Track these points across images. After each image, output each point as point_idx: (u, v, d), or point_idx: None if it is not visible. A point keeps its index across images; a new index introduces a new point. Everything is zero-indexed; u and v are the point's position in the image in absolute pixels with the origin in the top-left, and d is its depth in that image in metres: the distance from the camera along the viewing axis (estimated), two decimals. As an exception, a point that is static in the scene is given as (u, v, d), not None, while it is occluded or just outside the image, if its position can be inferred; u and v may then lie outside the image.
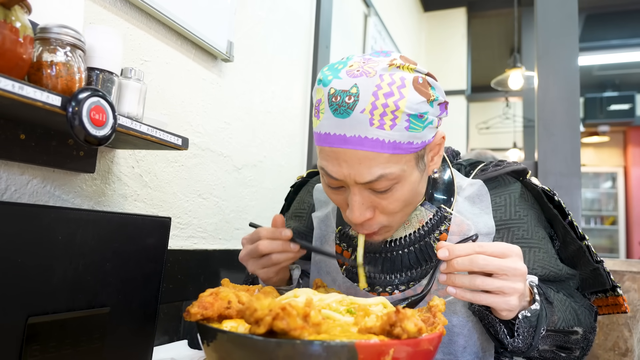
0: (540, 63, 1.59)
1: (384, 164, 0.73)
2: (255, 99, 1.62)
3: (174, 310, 1.21)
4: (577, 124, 1.56)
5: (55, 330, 0.72)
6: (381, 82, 0.71)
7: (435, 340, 0.61)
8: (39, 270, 0.70)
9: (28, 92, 0.62)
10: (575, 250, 0.91)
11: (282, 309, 0.53)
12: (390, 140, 0.72)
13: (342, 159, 0.74)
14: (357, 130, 0.71)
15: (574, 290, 0.92)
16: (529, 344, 0.75)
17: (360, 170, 0.73)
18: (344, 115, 0.71)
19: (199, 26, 1.27)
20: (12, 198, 0.83)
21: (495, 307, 0.70)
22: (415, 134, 0.74)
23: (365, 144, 0.71)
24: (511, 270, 0.67)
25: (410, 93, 0.72)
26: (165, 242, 0.93)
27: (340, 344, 0.53)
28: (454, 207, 0.89)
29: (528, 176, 0.92)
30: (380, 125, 0.71)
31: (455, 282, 0.70)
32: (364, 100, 0.71)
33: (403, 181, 0.76)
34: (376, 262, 0.90)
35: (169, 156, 1.21)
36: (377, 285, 0.90)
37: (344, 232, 0.95)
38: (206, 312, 0.64)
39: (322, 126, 0.75)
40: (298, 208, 1.10)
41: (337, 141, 0.73)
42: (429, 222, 0.88)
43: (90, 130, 0.69)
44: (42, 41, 0.70)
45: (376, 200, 0.78)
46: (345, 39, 2.52)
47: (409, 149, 0.74)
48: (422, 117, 0.74)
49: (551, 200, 0.90)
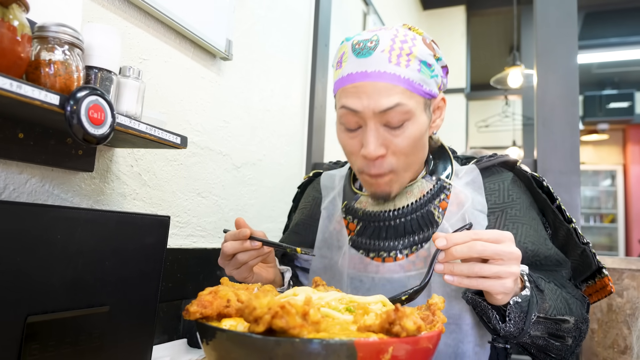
0: (540, 61, 1.59)
1: (399, 95, 0.84)
2: (254, 98, 1.62)
3: (174, 309, 1.21)
4: (576, 122, 1.56)
5: (54, 329, 0.72)
6: (397, 33, 0.86)
7: (435, 338, 0.61)
8: (38, 269, 0.69)
9: (26, 90, 0.62)
10: (565, 234, 0.96)
11: (281, 307, 0.53)
12: (405, 77, 0.84)
13: (362, 92, 0.84)
14: (377, 66, 0.83)
15: (567, 281, 0.95)
16: (520, 328, 0.78)
17: (379, 99, 0.83)
18: (366, 55, 0.85)
19: (198, 24, 1.27)
20: (10, 197, 0.83)
21: (492, 290, 0.72)
22: (424, 78, 0.86)
23: (385, 77, 0.83)
24: (507, 254, 0.71)
25: (420, 45, 0.87)
26: (165, 241, 0.93)
27: (339, 342, 0.53)
28: (453, 183, 0.97)
29: (518, 164, 0.99)
30: (397, 63, 0.84)
31: (454, 271, 0.73)
32: (383, 44, 0.84)
33: (414, 119, 0.86)
34: (380, 230, 0.97)
35: (168, 155, 1.21)
36: (382, 251, 0.96)
37: (349, 207, 1.02)
38: (205, 311, 0.64)
39: (344, 70, 0.87)
40: (303, 202, 1.18)
41: (359, 77, 0.85)
42: (430, 191, 0.96)
43: (89, 129, 0.69)
44: (40, 40, 0.70)
45: (389, 137, 0.86)
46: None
47: (420, 91, 0.86)
48: (430, 67, 0.87)
49: (540, 187, 0.96)
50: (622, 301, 1.44)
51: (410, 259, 0.93)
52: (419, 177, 0.98)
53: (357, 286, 0.97)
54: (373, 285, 0.95)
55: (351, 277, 0.98)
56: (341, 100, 0.88)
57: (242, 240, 0.86)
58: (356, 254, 0.98)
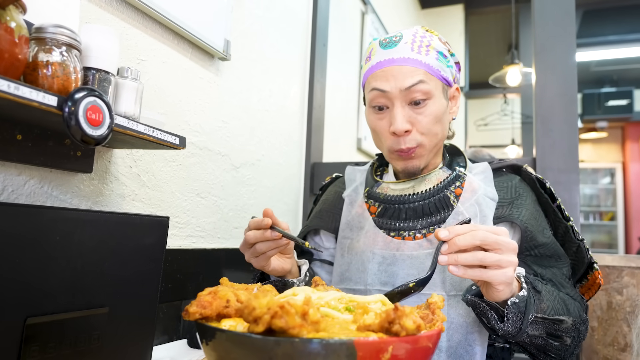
0: (538, 59, 1.59)
1: (421, 75, 0.96)
2: (253, 98, 1.62)
3: (173, 310, 1.21)
4: (575, 120, 1.56)
5: (54, 330, 0.72)
6: (417, 31, 1.01)
7: (434, 337, 0.61)
8: (37, 271, 0.69)
9: (24, 92, 0.62)
10: (563, 232, 1.03)
11: (280, 307, 0.52)
12: (425, 62, 0.97)
13: (389, 75, 0.97)
14: (402, 54, 0.98)
15: (566, 280, 0.99)
16: (518, 328, 0.81)
17: (404, 79, 0.96)
18: (392, 46, 0.99)
19: (196, 25, 1.27)
20: (9, 199, 0.83)
21: (494, 280, 0.75)
22: (442, 66, 1.00)
23: (408, 62, 0.97)
24: (505, 244, 0.75)
25: (436, 41, 1.01)
26: (164, 242, 0.93)
27: (339, 341, 0.53)
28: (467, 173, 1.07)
29: (524, 167, 1.08)
30: (418, 51, 0.98)
31: (458, 259, 0.76)
32: (406, 38, 0.99)
33: (434, 99, 0.98)
34: (400, 212, 1.05)
35: (167, 155, 1.21)
36: (402, 231, 1.04)
37: (371, 192, 1.12)
38: (205, 312, 0.64)
39: (373, 61, 1.01)
40: (326, 195, 1.27)
41: (387, 63, 0.98)
42: (446, 179, 1.06)
43: (87, 130, 0.69)
44: (38, 41, 0.70)
45: (413, 115, 0.98)
46: (342, 37, 2.52)
47: (438, 75, 0.99)
48: (446, 58, 1.02)
49: (543, 187, 1.05)
50: (622, 299, 1.44)
51: (429, 238, 1.01)
52: (437, 169, 1.08)
53: (380, 262, 1.03)
54: (394, 260, 1.01)
55: (374, 253, 1.04)
56: (371, 84, 1.00)
57: (263, 229, 0.92)
58: (379, 232, 1.06)
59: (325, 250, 1.21)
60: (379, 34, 3.07)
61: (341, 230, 1.14)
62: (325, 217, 1.19)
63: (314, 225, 1.18)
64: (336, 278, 1.09)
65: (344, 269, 1.09)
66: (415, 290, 0.79)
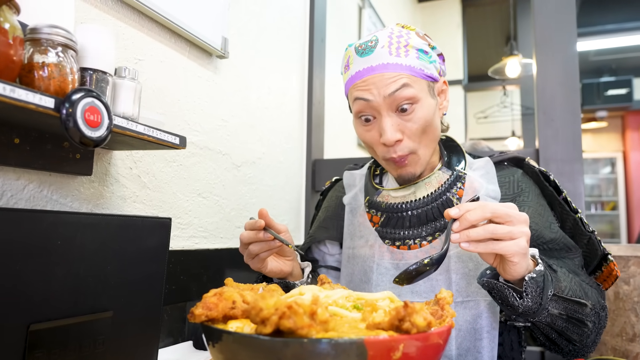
0: (539, 49, 1.58)
1: (404, 79, 0.92)
2: (252, 95, 1.60)
3: (178, 312, 1.20)
4: (578, 109, 1.54)
5: (58, 336, 0.71)
6: (393, 31, 0.95)
7: (445, 333, 0.60)
8: (39, 276, 0.68)
9: (20, 94, 0.61)
10: (572, 225, 1.00)
11: (288, 308, 0.51)
12: (406, 64, 0.93)
13: (371, 84, 0.93)
14: (380, 60, 0.93)
15: (579, 269, 0.97)
16: (538, 303, 0.79)
17: (387, 86, 0.91)
18: (369, 53, 0.94)
19: (193, 23, 1.25)
20: (8, 204, 0.82)
21: (507, 251, 0.74)
22: (424, 64, 0.94)
23: (389, 68, 0.92)
24: (515, 216, 0.75)
25: (414, 38, 0.96)
26: (167, 243, 0.92)
27: (348, 341, 0.52)
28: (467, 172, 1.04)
29: (527, 159, 1.05)
30: (397, 54, 0.93)
31: (470, 235, 0.75)
32: (382, 41, 0.94)
33: (421, 102, 0.93)
34: (404, 220, 1.02)
35: (167, 156, 1.20)
36: (407, 239, 1.02)
37: (371, 201, 1.08)
38: (211, 313, 0.62)
39: (352, 70, 0.96)
40: (327, 202, 1.25)
41: (366, 72, 0.94)
42: (447, 181, 1.02)
43: (86, 131, 0.68)
44: (33, 42, 0.68)
45: (402, 123, 0.94)
46: (340, 32, 2.50)
47: (422, 75, 0.94)
48: (427, 54, 0.96)
49: (547, 180, 1.02)
50: (629, 289, 1.43)
51: (433, 244, 0.99)
52: (436, 170, 1.04)
53: (383, 272, 1.02)
54: (398, 270, 1.01)
55: (378, 265, 1.03)
56: (354, 95, 0.96)
57: (257, 230, 0.91)
58: (382, 244, 1.04)
59: (331, 256, 1.20)
60: (377, 28, 3.05)
61: (345, 239, 1.13)
62: (330, 226, 1.18)
63: (319, 237, 1.17)
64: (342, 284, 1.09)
65: (348, 280, 1.09)
66: (430, 268, 0.78)
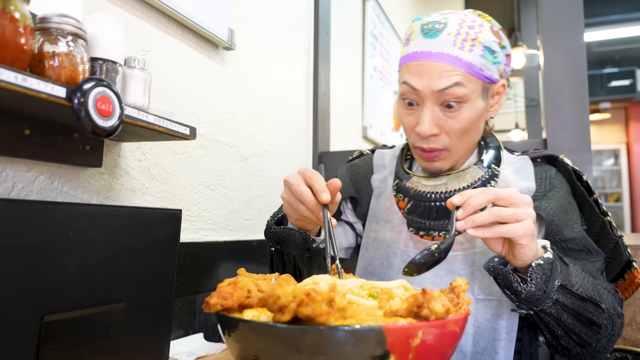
0: (545, 39, 1.56)
1: (459, 76, 0.88)
2: (259, 87, 1.60)
3: (188, 304, 1.20)
4: (586, 99, 1.53)
5: (71, 327, 0.71)
6: (465, 18, 0.91)
7: (461, 321, 0.60)
8: (52, 268, 0.68)
9: (31, 83, 0.60)
10: (599, 228, 0.97)
11: (306, 295, 0.51)
12: (467, 60, 0.88)
13: (424, 71, 0.89)
14: (442, 48, 0.89)
15: (598, 273, 0.93)
16: (542, 290, 0.77)
17: (438, 79, 0.88)
18: (433, 36, 0.90)
19: (199, 14, 1.24)
20: (19, 195, 0.81)
21: (514, 234, 0.73)
22: (486, 64, 0.91)
23: (447, 59, 0.88)
24: (519, 198, 0.74)
25: (486, 32, 0.91)
26: (177, 235, 0.92)
27: (367, 328, 0.52)
28: (501, 170, 1.01)
29: (560, 157, 1.02)
30: (461, 47, 0.88)
31: (475, 220, 0.74)
32: (450, 27, 0.90)
33: (470, 103, 0.90)
34: (431, 210, 1.00)
35: (176, 148, 1.19)
36: (432, 230, 0.99)
37: (400, 185, 1.06)
38: (226, 303, 0.62)
39: (411, 48, 0.93)
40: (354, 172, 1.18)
41: (423, 56, 0.90)
42: (481, 178, 0.99)
43: (97, 121, 0.67)
44: (43, 31, 0.68)
45: (444, 118, 0.91)
46: (345, 24, 2.49)
47: (480, 75, 0.90)
48: (494, 53, 0.92)
49: (579, 179, 0.98)
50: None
51: (458, 239, 0.96)
52: (471, 164, 1.02)
53: (405, 260, 0.99)
54: None
55: (402, 251, 1.01)
56: (403, 76, 0.93)
57: (317, 200, 0.80)
58: (406, 231, 1.02)
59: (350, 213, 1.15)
60: (380, 20, 3.03)
61: (368, 222, 1.09)
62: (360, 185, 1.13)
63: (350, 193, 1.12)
64: (359, 272, 1.06)
65: (367, 263, 1.05)
66: (439, 254, 0.76)
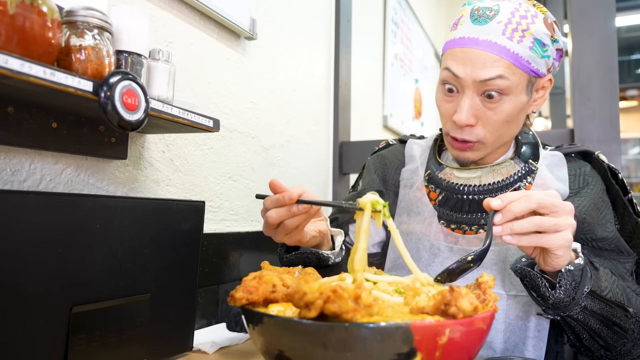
0: (575, 25, 1.52)
1: (503, 68, 0.85)
2: (280, 78, 1.59)
3: (211, 294, 1.21)
4: (616, 87, 1.49)
5: (99, 318, 0.72)
6: (519, 7, 0.88)
7: (488, 319, 0.59)
8: (80, 259, 0.69)
9: (59, 78, 0.60)
10: (631, 229, 0.94)
11: (333, 292, 0.51)
12: (514, 52, 0.85)
13: (468, 59, 0.87)
14: (490, 36, 0.86)
15: (628, 275, 0.90)
16: (571, 297, 0.75)
17: (482, 69, 0.85)
18: (482, 22, 0.87)
19: (221, 4, 1.23)
20: (47, 188, 0.82)
21: (552, 245, 0.70)
22: (534, 57, 0.87)
23: (494, 48, 0.85)
24: (561, 206, 0.70)
25: (539, 23, 0.87)
26: (201, 226, 0.92)
27: (394, 325, 0.51)
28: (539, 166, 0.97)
29: (596, 154, 0.98)
30: (510, 37, 0.85)
31: (514, 228, 0.70)
32: (502, 15, 0.87)
33: (512, 96, 0.88)
34: (463, 203, 0.98)
35: (198, 139, 1.20)
36: (464, 224, 0.97)
37: (432, 176, 1.04)
38: (251, 297, 0.62)
39: (458, 33, 0.90)
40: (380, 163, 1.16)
41: (470, 42, 0.87)
42: (517, 173, 0.97)
43: (124, 115, 0.68)
44: (69, 25, 0.68)
45: (482, 109, 0.89)
46: (366, 11, 2.46)
47: (526, 68, 0.87)
48: (544, 46, 0.88)
49: (615, 177, 0.95)
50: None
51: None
52: (507, 158, 0.99)
53: (436, 253, 0.98)
54: (451, 255, 0.96)
55: (432, 244, 0.98)
56: (446, 62, 0.91)
57: (288, 205, 0.78)
58: (437, 224, 0.99)
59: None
60: (402, 7, 2.99)
61: (398, 213, 1.07)
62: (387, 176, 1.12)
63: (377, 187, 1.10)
64: (388, 264, 1.04)
65: (397, 255, 1.02)
66: (474, 264, 0.73)
